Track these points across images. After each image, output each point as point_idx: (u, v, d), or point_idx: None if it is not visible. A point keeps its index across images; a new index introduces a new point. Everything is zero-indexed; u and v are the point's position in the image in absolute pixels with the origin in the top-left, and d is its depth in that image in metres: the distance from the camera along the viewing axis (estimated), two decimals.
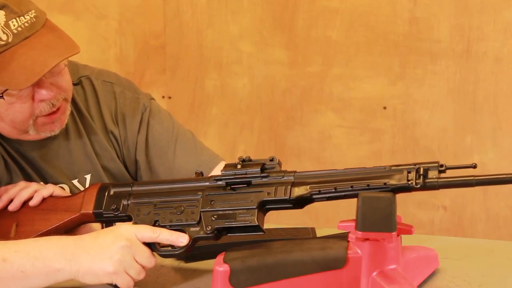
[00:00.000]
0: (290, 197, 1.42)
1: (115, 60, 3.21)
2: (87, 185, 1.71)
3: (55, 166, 1.68)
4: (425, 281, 1.48)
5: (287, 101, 3.09)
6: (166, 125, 1.81)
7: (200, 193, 1.47)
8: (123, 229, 1.44)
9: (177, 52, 3.20)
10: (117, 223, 1.53)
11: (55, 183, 1.67)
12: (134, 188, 1.53)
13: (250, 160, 1.47)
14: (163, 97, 3.24)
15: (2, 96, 1.53)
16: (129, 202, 1.51)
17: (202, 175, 1.54)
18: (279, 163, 1.47)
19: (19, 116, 1.57)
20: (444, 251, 1.59)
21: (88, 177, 1.71)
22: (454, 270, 1.54)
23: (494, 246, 1.72)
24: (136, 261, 1.42)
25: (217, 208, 1.45)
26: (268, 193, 1.43)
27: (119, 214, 1.51)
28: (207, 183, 1.48)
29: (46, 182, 1.66)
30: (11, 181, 1.64)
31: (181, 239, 1.44)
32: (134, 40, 3.21)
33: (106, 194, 1.53)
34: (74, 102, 1.72)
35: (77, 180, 1.71)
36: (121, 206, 1.51)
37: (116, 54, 3.21)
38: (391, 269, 1.36)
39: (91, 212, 1.53)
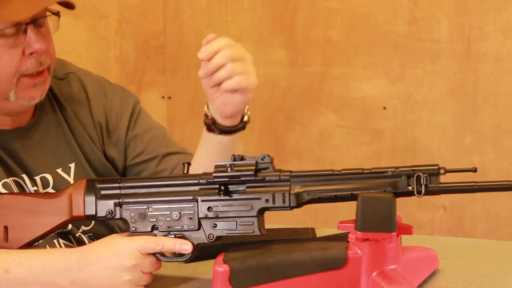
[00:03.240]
0: (290, 205, 1.42)
1: (115, 60, 3.21)
2: (71, 174, 1.70)
3: (37, 156, 1.67)
4: (425, 281, 1.48)
5: (287, 101, 3.09)
6: (154, 121, 1.85)
7: (195, 197, 1.45)
8: (125, 246, 1.42)
9: (177, 52, 3.20)
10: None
11: (37, 174, 1.66)
12: (123, 189, 1.49)
13: (242, 159, 1.44)
14: (163, 97, 3.24)
15: None
16: (121, 205, 1.48)
17: (189, 165, 1.51)
18: (272, 160, 1.45)
19: (5, 69, 1.55)
20: (444, 251, 1.59)
21: (72, 165, 1.70)
22: (454, 270, 1.54)
23: (494, 246, 1.72)
24: (144, 272, 1.43)
25: (216, 216, 1.44)
26: (267, 201, 1.42)
27: (114, 217, 1.49)
28: (199, 187, 1.45)
29: (27, 173, 1.65)
30: None
31: (185, 247, 1.44)
32: (134, 40, 3.21)
33: (95, 196, 1.50)
34: (53, 94, 1.72)
35: (61, 169, 1.69)
36: (114, 209, 1.48)
37: (116, 54, 3.21)
38: (391, 269, 1.36)
39: (83, 215, 1.50)
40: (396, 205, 1.35)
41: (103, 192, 1.49)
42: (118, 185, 1.49)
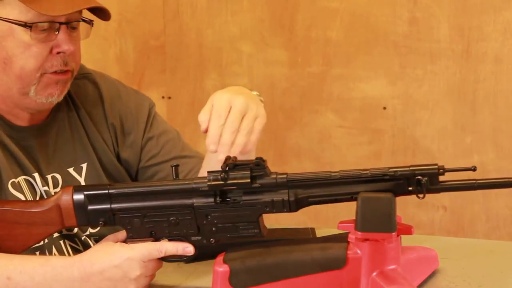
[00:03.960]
0: (290, 210, 1.41)
1: (115, 60, 3.21)
2: (83, 174, 1.70)
3: (51, 155, 1.68)
4: (425, 281, 1.48)
5: (287, 101, 3.09)
6: (168, 126, 1.86)
7: (191, 205, 1.43)
8: (127, 258, 1.41)
9: (177, 52, 3.20)
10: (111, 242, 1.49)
11: (49, 173, 1.66)
12: (114, 197, 1.46)
13: (236, 164, 1.42)
14: (163, 97, 3.24)
15: (30, 26, 1.55)
16: (114, 213, 1.46)
17: (178, 166, 1.48)
18: (265, 165, 1.42)
19: (31, 62, 1.57)
20: (444, 251, 1.59)
21: (84, 166, 1.71)
22: (454, 270, 1.54)
23: (494, 246, 1.72)
24: (148, 276, 1.44)
25: (215, 221, 1.43)
26: (266, 207, 1.41)
27: (108, 225, 1.48)
28: (194, 200, 1.44)
29: (40, 172, 1.65)
30: None
31: (188, 249, 1.44)
32: (134, 40, 3.21)
33: (84, 206, 1.47)
34: (69, 94, 1.73)
35: (72, 168, 1.69)
36: (107, 218, 1.46)
37: (116, 54, 3.21)
38: (391, 269, 1.36)
39: (76, 225, 1.50)
40: (396, 205, 1.35)
41: (92, 200, 1.47)
42: (107, 192, 1.47)
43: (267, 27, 3.08)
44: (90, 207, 1.47)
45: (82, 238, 1.67)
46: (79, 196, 1.48)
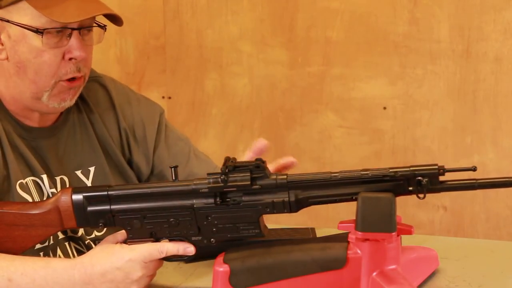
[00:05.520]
0: (290, 210, 1.41)
1: (115, 60, 3.21)
2: (90, 177, 1.70)
3: (61, 157, 1.68)
4: (425, 281, 1.48)
5: (287, 101, 3.09)
6: (178, 131, 1.87)
7: (191, 206, 1.44)
8: (129, 260, 1.42)
9: (177, 53, 3.20)
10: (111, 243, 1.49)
11: (58, 175, 1.66)
12: (113, 199, 1.46)
13: (235, 166, 1.42)
14: (163, 97, 3.23)
15: (42, 32, 1.54)
16: (114, 214, 1.46)
17: (177, 167, 1.48)
18: (265, 166, 1.42)
19: (44, 68, 1.57)
20: (444, 251, 1.59)
21: (92, 169, 1.71)
22: (454, 270, 1.54)
23: (494, 246, 1.72)
24: (149, 275, 1.44)
25: (216, 222, 1.43)
26: (267, 208, 1.41)
27: (108, 226, 1.48)
28: (194, 201, 1.44)
29: (49, 173, 1.65)
30: (6, 172, 1.61)
31: (189, 249, 1.45)
32: (134, 41, 3.21)
33: (83, 208, 1.47)
34: (81, 96, 1.73)
35: (80, 171, 1.70)
36: (107, 219, 1.46)
37: (116, 54, 3.21)
38: (391, 269, 1.36)
39: (76, 226, 1.50)
40: (396, 205, 1.35)
41: (91, 202, 1.47)
42: (106, 193, 1.47)
43: (267, 27, 3.08)
44: (89, 209, 1.47)
45: (86, 242, 1.67)
46: (78, 198, 1.48)
